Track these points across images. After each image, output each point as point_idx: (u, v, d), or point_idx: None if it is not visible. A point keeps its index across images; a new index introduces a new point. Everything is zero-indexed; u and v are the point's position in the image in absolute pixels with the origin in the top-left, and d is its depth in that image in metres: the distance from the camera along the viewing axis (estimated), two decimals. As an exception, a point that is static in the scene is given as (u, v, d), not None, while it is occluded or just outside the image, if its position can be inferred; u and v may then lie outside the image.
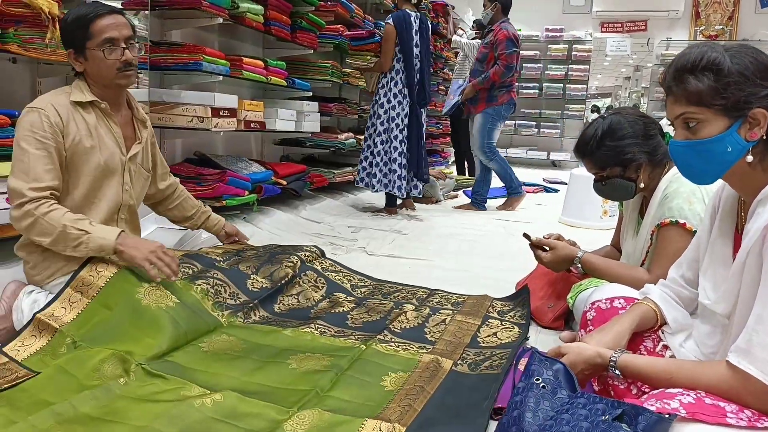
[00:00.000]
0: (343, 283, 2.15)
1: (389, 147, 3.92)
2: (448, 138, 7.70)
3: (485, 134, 4.40)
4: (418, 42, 3.94)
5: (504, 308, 2.01)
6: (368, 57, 4.26)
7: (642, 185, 1.64)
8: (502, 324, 1.84)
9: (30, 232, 1.55)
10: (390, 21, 3.82)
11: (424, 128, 4.22)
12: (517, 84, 4.69)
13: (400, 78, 3.90)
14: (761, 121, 0.99)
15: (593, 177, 1.72)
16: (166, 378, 1.32)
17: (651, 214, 1.65)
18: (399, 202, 4.19)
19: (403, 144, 3.91)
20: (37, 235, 1.54)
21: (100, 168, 1.68)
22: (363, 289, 2.15)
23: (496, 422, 1.23)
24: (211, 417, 1.18)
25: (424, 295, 2.12)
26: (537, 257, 1.93)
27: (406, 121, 3.91)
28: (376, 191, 4.05)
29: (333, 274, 2.18)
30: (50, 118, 1.58)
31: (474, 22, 6.43)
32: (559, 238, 1.94)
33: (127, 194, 1.78)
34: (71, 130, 1.62)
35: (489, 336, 1.74)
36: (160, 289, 1.59)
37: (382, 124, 3.93)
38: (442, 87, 7.37)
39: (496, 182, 4.69)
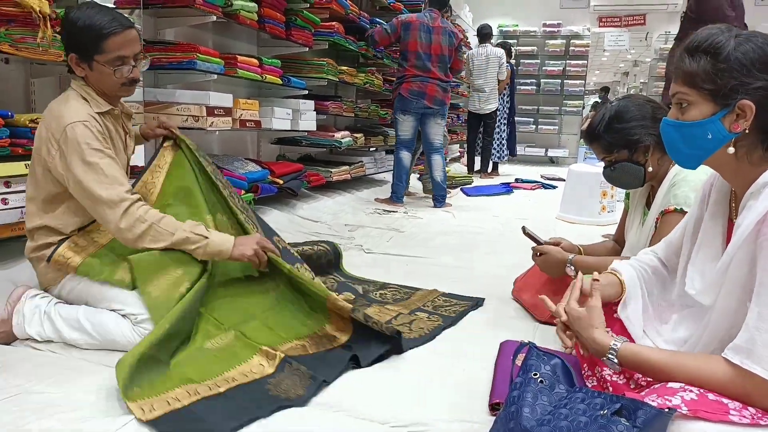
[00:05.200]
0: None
1: None
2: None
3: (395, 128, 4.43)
4: None
5: (444, 304, 2.02)
6: None
7: (651, 169, 1.64)
8: (428, 317, 1.86)
9: (143, 239, 1.54)
10: None
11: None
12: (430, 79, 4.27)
13: None
14: (747, 113, 0.97)
15: (603, 165, 1.73)
16: None
17: (658, 203, 1.64)
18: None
19: None
20: (151, 242, 1.55)
21: None
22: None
23: (494, 418, 1.22)
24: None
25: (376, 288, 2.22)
26: (533, 257, 1.97)
27: None
28: None
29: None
30: (97, 126, 1.57)
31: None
32: (558, 243, 1.96)
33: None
34: (105, 137, 1.61)
35: (402, 323, 1.80)
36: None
37: None
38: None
39: (495, 180, 4.68)
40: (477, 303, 2.05)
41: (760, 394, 0.92)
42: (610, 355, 1.10)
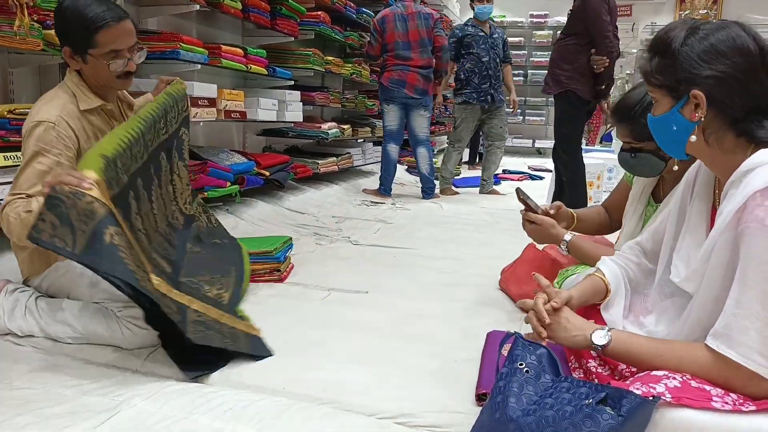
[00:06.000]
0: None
1: None
2: (434, 127, 7.68)
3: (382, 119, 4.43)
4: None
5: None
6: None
7: (676, 168, 1.49)
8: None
9: (8, 233, 1.45)
10: None
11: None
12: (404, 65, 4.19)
13: None
14: (700, 102, 1.00)
15: (621, 145, 1.61)
16: None
17: (670, 203, 1.59)
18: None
19: None
20: (14, 231, 1.43)
21: None
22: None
23: (480, 408, 1.22)
24: None
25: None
26: (523, 222, 1.88)
27: None
28: None
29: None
30: (60, 133, 1.51)
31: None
32: (560, 207, 1.89)
33: None
34: (81, 139, 1.58)
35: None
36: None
37: None
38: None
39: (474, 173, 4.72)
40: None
41: (739, 379, 0.93)
42: (600, 333, 1.08)
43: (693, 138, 1.03)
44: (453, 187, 4.78)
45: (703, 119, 1.00)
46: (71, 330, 1.50)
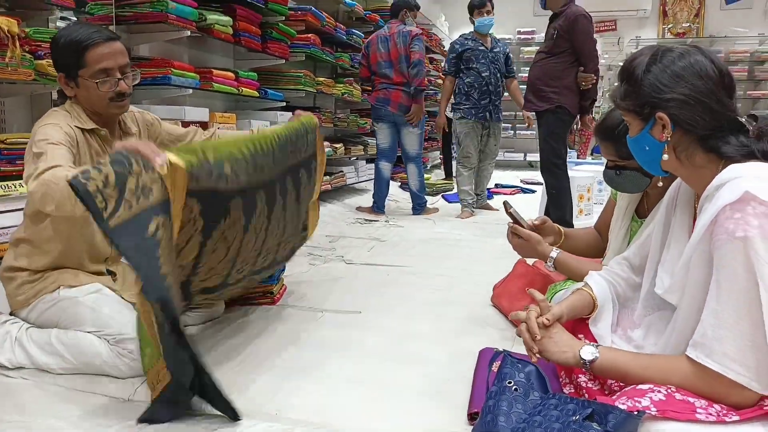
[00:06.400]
0: None
1: None
2: (426, 143, 7.73)
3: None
4: None
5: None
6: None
7: (660, 184, 1.56)
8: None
9: (45, 199, 1.30)
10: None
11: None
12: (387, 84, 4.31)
13: None
14: (666, 123, 1.06)
15: (606, 162, 1.63)
16: None
17: (655, 218, 1.61)
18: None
19: None
20: (51, 200, 1.30)
21: None
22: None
23: (472, 427, 1.23)
24: None
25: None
26: (508, 235, 1.87)
27: None
28: None
29: None
30: (66, 131, 1.51)
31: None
32: (544, 222, 1.89)
33: None
34: (82, 152, 1.57)
35: None
36: None
37: None
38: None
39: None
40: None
41: (721, 388, 0.95)
42: (588, 349, 1.10)
43: (665, 156, 1.09)
44: (471, 211, 4.45)
45: (669, 138, 1.07)
46: (62, 360, 1.50)
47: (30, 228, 1.61)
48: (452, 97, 4.56)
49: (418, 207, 4.48)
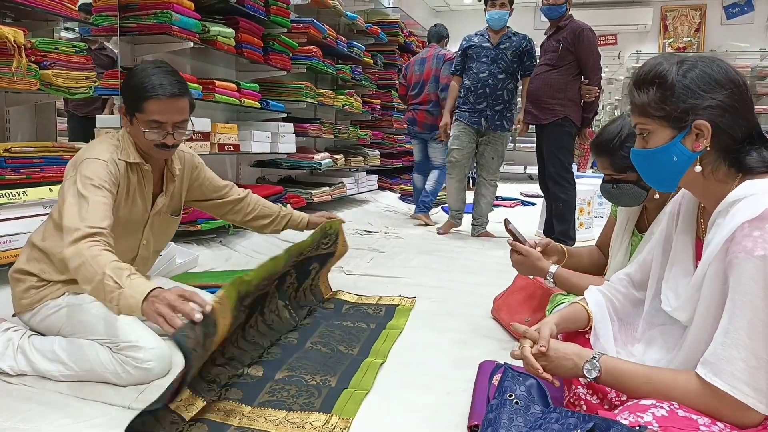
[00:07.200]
0: None
1: None
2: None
3: None
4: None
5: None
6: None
7: (657, 197, 1.55)
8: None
9: (77, 275, 1.35)
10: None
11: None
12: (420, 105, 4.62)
13: None
14: (704, 132, 1.01)
15: (603, 177, 1.64)
16: None
17: (656, 234, 1.61)
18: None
19: None
20: (82, 281, 1.35)
21: (121, 223, 1.64)
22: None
23: (472, 441, 1.22)
24: None
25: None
26: (510, 252, 1.87)
27: None
28: None
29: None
30: (112, 170, 1.56)
31: None
32: (548, 244, 1.88)
33: (144, 248, 1.78)
34: (121, 186, 1.62)
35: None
36: None
37: None
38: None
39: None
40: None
41: (727, 408, 0.93)
42: (588, 366, 1.10)
43: (698, 168, 1.03)
44: (456, 222, 4.15)
45: (707, 148, 1.01)
46: (64, 368, 1.50)
47: (50, 238, 1.62)
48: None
49: (422, 204, 4.69)
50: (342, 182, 4.91)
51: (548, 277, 1.76)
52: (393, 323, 2.04)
